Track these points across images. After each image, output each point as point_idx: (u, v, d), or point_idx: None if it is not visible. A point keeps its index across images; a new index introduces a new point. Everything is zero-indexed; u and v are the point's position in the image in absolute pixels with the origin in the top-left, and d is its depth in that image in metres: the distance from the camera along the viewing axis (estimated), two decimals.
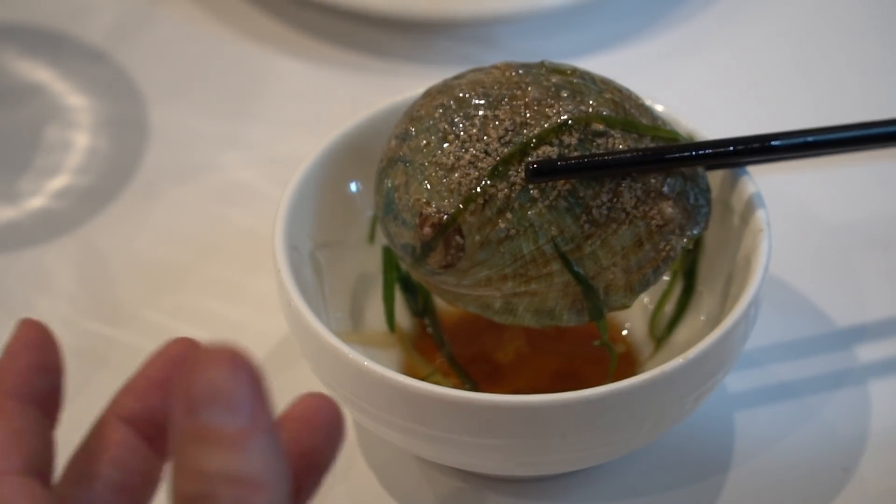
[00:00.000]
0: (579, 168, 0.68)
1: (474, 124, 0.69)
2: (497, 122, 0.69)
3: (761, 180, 0.73)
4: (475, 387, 0.75)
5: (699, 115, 0.76)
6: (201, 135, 0.93)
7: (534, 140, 0.68)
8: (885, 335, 0.79)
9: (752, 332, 0.70)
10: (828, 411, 0.76)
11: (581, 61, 0.74)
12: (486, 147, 0.68)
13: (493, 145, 0.68)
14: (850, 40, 1.00)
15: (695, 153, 0.70)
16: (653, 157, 0.69)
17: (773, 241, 0.70)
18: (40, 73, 0.97)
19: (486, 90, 0.70)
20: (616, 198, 0.68)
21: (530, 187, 0.67)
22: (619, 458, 0.72)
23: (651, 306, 0.78)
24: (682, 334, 0.76)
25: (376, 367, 0.66)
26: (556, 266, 0.68)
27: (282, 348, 0.79)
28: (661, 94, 0.77)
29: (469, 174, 0.68)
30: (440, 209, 0.68)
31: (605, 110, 0.69)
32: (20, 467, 0.47)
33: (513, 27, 1.00)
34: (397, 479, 0.74)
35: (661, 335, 0.77)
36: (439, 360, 0.76)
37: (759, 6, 1.02)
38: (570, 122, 0.68)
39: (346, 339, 0.68)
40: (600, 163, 0.68)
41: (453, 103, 0.70)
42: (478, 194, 0.68)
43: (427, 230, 0.68)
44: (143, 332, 0.81)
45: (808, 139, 0.72)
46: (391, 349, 0.77)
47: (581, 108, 0.69)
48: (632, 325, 0.78)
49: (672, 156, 0.70)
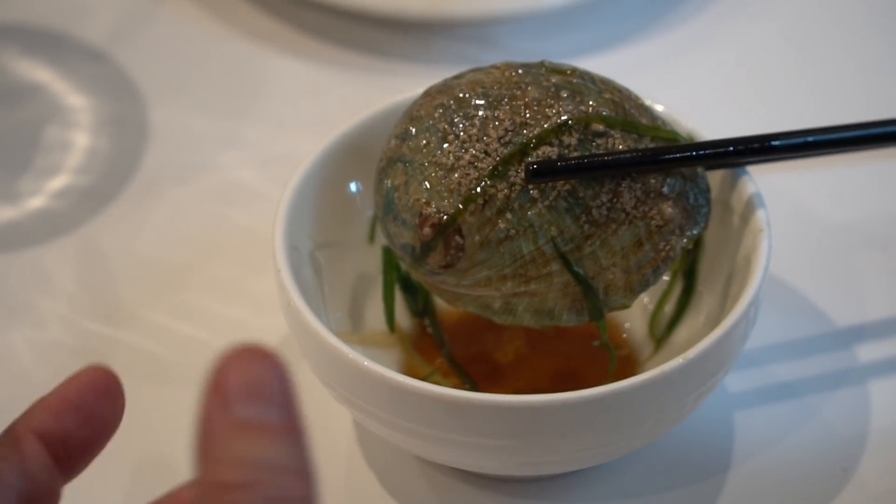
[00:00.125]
0: (579, 168, 0.68)
1: (474, 124, 0.69)
2: (497, 123, 0.69)
3: (761, 180, 0.73)
4: (475, 387, 0.75)
5: (699, 115, 0.76)
6: (201, 135, 0.93)
7: (533, 140, 0.68)
8: (885, 335, 0.79)
9: (751, 332, 0.70)
10: (827, 411, 0.76)
11: (581, 61, 0.74)
12: (486, 147, 0.68)
13: (493, 145, 0.68)
14: (851, 40, 1.00)
15: (694, 153, 0.70)
16: (652, 158, 0.69)
17: (773, 241, 0.70)
18: (40, 73, 0.97)
19: (485, 90, 0.70)
20: (616, 198, 0.68)
21: (530, 187, 0.67)
22: (618, 458, 0.72)
23: (651, 306, 0.78)
24: (681, 334, 0.76)
25: (376, 367, 0.66)
26: (555, 266, 0.68)
27: (282, 348, 0.79)
28: (660, 93, 0.77)
29: (469, 174, 0.68)
30: (440, 209, 0.68)
31: (604, 110, 0.69)
32: None
33: (512, 27, 1.00)
34: (397, 479, 0.74)
35: (661, 335, 0.77)
36: (439, 361, 0.76)
37: (758, 6, 1.02)
38: (569, 123, 0.68)
39: (346, 339, 0.68)
40: (600, 163, 0.68)
41: (453, 103, 0.70)
42: (478, 194, 0.68)
43: (427, 230, 0.68)
44: (143, 332, 0.81)
45: (808, 139, 0.72)
46: (391, 349, 0.77)
47: (581, 109, 0.69)
48: (632, 326, 0.78)
49: (672, 156, 0.70)
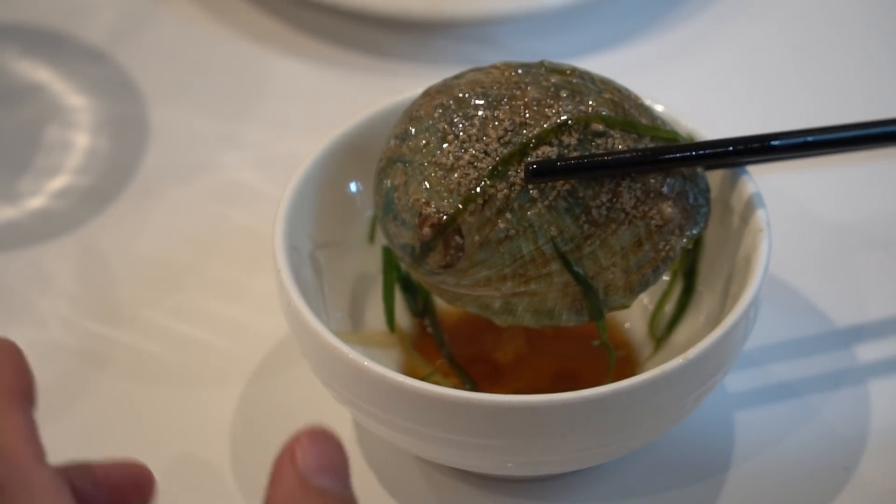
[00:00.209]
0: (579, 168, 0.68)
1: (474, 124, 0.69)
2: (496, 123, 0.69)
3: (761, 180, 0.73)
4: (475, 387, 0.75)
5: (699, 114, 0.76)
6: (201, 135, 0.93)
7: (533, 140, 0.68)
8: (885, 335, 0.79)
9: (752, 332, 0.70)
10: (828, 411, 0.76)
11: (580, 61, 0.74)
12: (486, 147, 0.68)
13: (493, 145, 0.68)
14: (851, 40, 1.00)
15: (694, 153, 0.70)
16: (652, 158, 0.69)
17: (773, 241, 0.70)
18: (40, 73, 0.97)
19: (485, 90, 0.70)
20: (615, 198, 0.68)
21: (530, 187, 0.67)
22: (618, 458, 0.72)
23: (651, 306, 0.78)
24: (681, 334, 0.76)
25: (376, 367, 0.66)
26: (555, 266, 0.68)
27: (282, 348, 0.79)
28: (660, 93, 0.77)
29: (468, 174, 0.68)
30: (439, 209, 0.68)
31: (604, 110, 0.69)
32: (41, 458, 0.52)
33: (512, 27, 1.00)
34: (397, 479, 0.74)
35: (661, 335, 0.77)
36: (439, 361, 0.76)
37: (758, 6, 1.02)
38: (569, 123, 0.68)
39: (346, 339, 0.68)
40: (600, 163, 0.68)
41: (453, 103, 0.70)
42: (477, 194, 0.67)
43: (426, 230, 0.68)
44: (143, 332, 0.81)
45: (808, 139, 0.72)
46: (391, 349, 0.77)
47: (580, 109, 0.69)
48: (631, 325, 0.78)
49: (671, 156, 0.69)
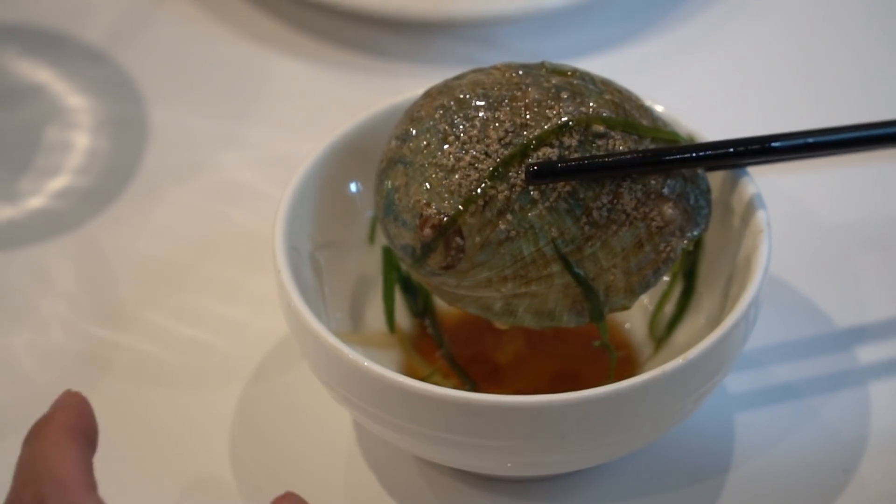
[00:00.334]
0: (579, 170, 0.68)
1: (474, 125, 0.69)
2: (497, 124, 0.69)
3: (761, 181, 0.73)
4: (475, 387, 0.75)
5: (699, 115, 0.76)
6: (201, 135, 0.93)
7: (534, 141, 0.68)
8: (885, 336, 0.79)
9: (752, 333, 0.70)
10: (828, 412, 0.76)
11: (581, 62, 0.74)
12: (487, 148, 0.68)
13: (494, 146, 0.68)
14: (851, 40, 1.00)
15: (695, 155, 0.70)
16: (653, 159, 0.69)
17: (773, 242, 0.70)
18: (40, 74, 0.97)
19: (486, 91, 0.70)
20: (616, 199, 0.68)
21: (530, 189, 0.67)
22: (618, 458, 0.72)
23: (651, 307, 0.78)
24: (682, 335, 0.76)
25: (376, 368, 0.66)
26: (556, 267, 0.68)
27: (282, 348, 0.79)
28: (661, 94, 0.77)
29: (469, 175, 0.68)
30: (440, 210, 0.68)
31: (605, 112, 0.69)
32: (92, 487, 0.57)
33: (513, 27, 1.00)
34: (397, 479, 0.74)
35: (661, 336, 0.77)
36: (439, 361, 0.76)
37: (759, 6, 1.02)
38: (570, 124, 0.68)
39: (346, 340, 0.68)
40: (600, 164, 0.68)
41: (453, 104, 0.70)
42: (478, 196, 0.67)
43: (427, 231, 0.68)
44: (143, 333, 0.81)
45: (809, 140, 0.72)
46: (391, 350, 0.77)
47: (581, 110, 0.69)
48: (631, 326, 0.78)
49: (672, 157, 0.69)
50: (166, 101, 0.95)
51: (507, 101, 0.69)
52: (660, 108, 0.74)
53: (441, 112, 0.70)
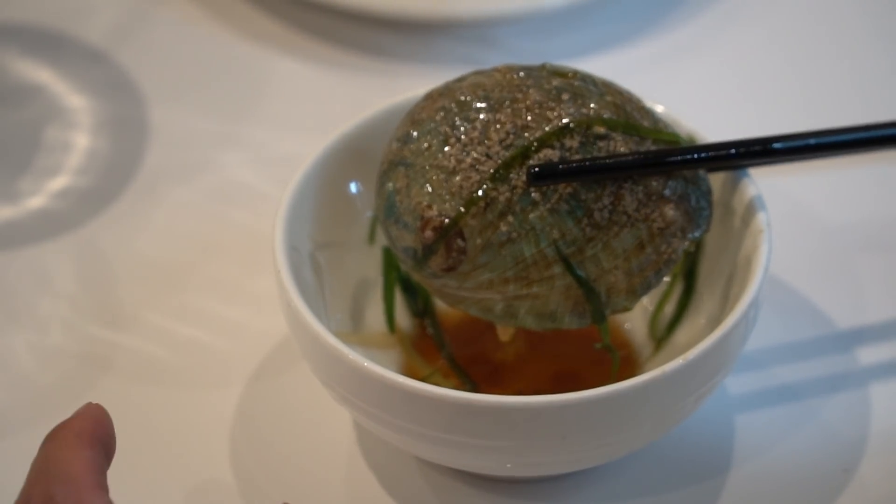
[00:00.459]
0: (581, 171, 0.68)
1: (476, 127, 0.69)
2: (498, 126, 0.69)
3: (762, 182, 0.73)
4: (475, 388, 0.75)
5: (700, 116, 0.76)
6: (201, 135, 0.93)
7: (535, 143, 0.68)
8: (885, 337, 0.80)
9: (752, 334, 0.70)
10: (828, 413, 0.76)
11: (582, 62, 0.74)
12: (488, 150, 0.68)
13: (495, 148, 0.68)
14: (851, 41, 1.00)
15: (696, 156, 0.70)
16: (654, 160, 0.69)
17: (773, 243, 0.70)
18: (40, 74, 0.97)
19: (487, 93, 0.70)
20: (617, 201, 0.68)
21: (532, 190, 0.67)
22: (618, 459, 0.72)
23: (651, 307, 0.78)
24: (682, 335, 0.76)
25: (376, 368, 0.66)
26: (557, 269, 0.68)
27: (282, 348, 0.79)
28: (662, 95, 0.77)
29: (470, 177, 0.68)
30: (441, 212, 0.68)
31: (606, 113, 0.69)
32: (102, 487, 0.58)
33: (513, 28, 1.00)
34: (397, 480, 0.74)
35: (662, 336, 0.77)
36: (439, 361, 0.76)
37: (759, 7, 1.02)
38: (571, 126, 0.68)
39: (346, 340, 0.68)
40: (602, 166, 0.68)
41: (454, 106, 0.70)
42: (479, 197, 0.67)
43: (428, 233, 0.68)
44: (144, 334, 0.81)
45: (810, 142, 0.72)
46: (391, 350, 0.77)
47: (582, 111, 0.69)
48: (632, 326, 0.78)
49: (673, 159, 0.69)
50: (166, 101, 0.95)
51: (508, 102, 0.69)
52: (660, 110, 0.74)
53: (442, 114, 0.70)
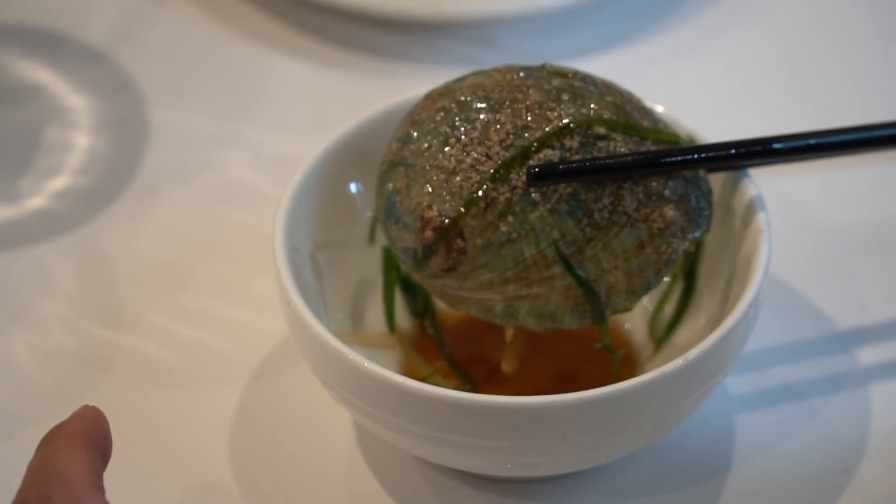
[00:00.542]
0: (581, 171, 0.68)
1: (476, 128, 0.69)
2: (498, 126, 0.69)
3: (761, 182, 0.73)
4: (475, 388, 0.75)
5: (700, 117, 0.76)
6: (201, 135, 0.93)
7: (535, 143, 0.68)
8: (886, 337, 0.80)
9: (751, 334, 0.70)
10: (828, 413, 0.76)
11: (582, 62, 0.74)
12: (488, 150, 0.68)
13: (495, 149, 0.68)
14: (851, 41, 1.00)
15: (696, 156, 0.70)
16: (654, 161, 0.69)
17: (773, 243, 0.70)
18: (40, 74, 0.97)
19: (487, 93, 0.70)
20: (618, 201, 0.68)
21: (532, 191, 0.67)
22: (618, 459, 0.72)
23: (651, 307, 0.78)
24: (682, 335, 0.76)
25: (376, 368, 0.66)
26: (557, 269, 0.68)
27: (282, 348, 0.79)
28: (662, 95, 0.77)
29: (470, 177, 0.68)
30: (441, 212, 0.68)
31: (606, 113, 0.69)
32: (98, 488, 0.58)
33: (513, 28, 1.00)
34: (397, 480, 0.74)
35: (661, 336, 0.77)
36: (439, 362, 0.76)
37: (760, 7, 1.02)
38: (571, 126, 0.68)
39: (346, 340, 0.68)
40: (602, 166, 0.68)
41: (454, 106, 0.70)
42: (479, 198, 0.68)
43: (428, 233, 0.68)
44: (144, 334, 0.81)
45: (810, 142, 0.72)
46: (391, 350, 0.77)
47: (582, 112, 0.69)
48: (632, 326, 0.78)
49: (673, 159, 0.69)
50: (166, 101, 0.95)
51: (508, 103, 0.69)
52: (660, 110, 0.74)
53: (442, 114, 0.70)
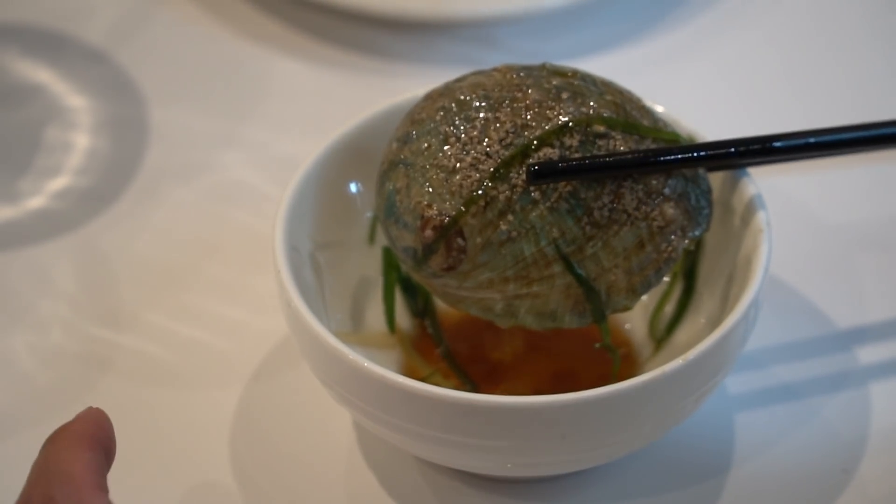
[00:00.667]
0: (580, 170, 0.68)
1: (475, 127, 0.69)
2: (498, 125, 0.69)
3: (761, 181, 0.73)
4: (475, 388, 0.75)
5: (700, 116, 0.76)
6: (201, 135, 0.93)
7: (535, 142, 0.68)
8: (885, 336, 0.80)
9: (751, 334, 0.70)
10: (828, 412, 0.76)
11: (582, 62, 0.74)
12: (488, 149, 0.68)
13: (495, 147, 0.68)
14: (850, 42, 1.00)
15: (696, 155, 0.70)
16: (654, 159, 0.69)
17: (773, 242, 0.70)
18: (40, 74, 0.97)
19: (486, 93, 0.70)
20: (617, 199, 0.68)
21: (531, 189, 0.67)
22: (618, 459, 0.72)
23: (651, 307, 0.78)
24: (682, 335, 0.76)
25: (376, 368, 0.66)
26: (557, 268, 0.68)
27: (282, 348, 0.79)
28: (662, 95, 0.77)
29: (470, 176, 0.68)
30: (441, 211, 0.68)
31: (606, 112, 0.69)
32: (102, 488, 0.58)
33: (513, 28, 1.00)
34: (397, 480, 0.74)
35: (661, 336, 0.77)
36: (439, 361, 0.76)
37: (759, 8, 1.02)
38: (570, 124, 0.68)
39: (346, 340, 0.68)
40: (601, 164, 0.68)
41: (454, 106, 0.70)
42: (479, 196, 0.68)
43: (428, 232, 0.68)
44: (144, 334, 0.81)
45: (810, 140, 0.72)
46: (391, 350, 0.77)
47: (582, 110, 0.69)
48: (632, 326, 0.78)
49: (673, 157, 0.69)
50: (166, 101, 0.95)
51: (507, 102, 0.69)
52: (660, 109, 0.74)
53: (442, 114, 0.70)
